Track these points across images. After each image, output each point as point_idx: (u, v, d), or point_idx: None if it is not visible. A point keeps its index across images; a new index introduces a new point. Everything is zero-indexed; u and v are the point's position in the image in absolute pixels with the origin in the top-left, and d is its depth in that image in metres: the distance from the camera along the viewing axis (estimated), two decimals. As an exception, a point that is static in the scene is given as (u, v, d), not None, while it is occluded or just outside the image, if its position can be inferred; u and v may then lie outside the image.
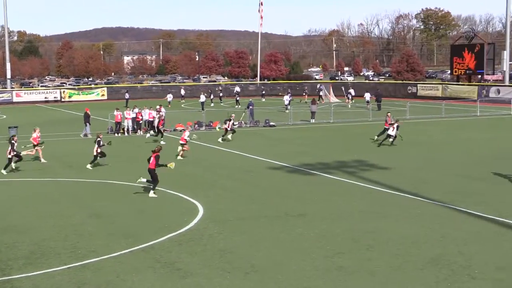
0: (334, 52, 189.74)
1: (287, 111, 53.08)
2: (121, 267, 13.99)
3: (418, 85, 79.82)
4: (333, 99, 74.15)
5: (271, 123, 45.92)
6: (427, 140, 36.19)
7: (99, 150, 27.80)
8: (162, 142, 35.90)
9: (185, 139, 31.00)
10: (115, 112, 42.63)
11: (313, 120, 48.45)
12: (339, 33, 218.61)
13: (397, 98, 75.47)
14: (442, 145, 34.10)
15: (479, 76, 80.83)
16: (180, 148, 30.59)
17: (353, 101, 66.76)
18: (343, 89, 74.13)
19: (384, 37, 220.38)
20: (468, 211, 18.62)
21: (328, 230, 16.81)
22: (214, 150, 33.42)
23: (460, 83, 78.58)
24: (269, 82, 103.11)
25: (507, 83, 74.40)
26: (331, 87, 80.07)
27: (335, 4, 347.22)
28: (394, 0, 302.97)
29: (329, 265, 13.86)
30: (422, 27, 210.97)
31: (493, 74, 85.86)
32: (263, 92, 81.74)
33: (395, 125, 33.89)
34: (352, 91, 69.46)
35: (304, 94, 75.63)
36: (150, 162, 21.77)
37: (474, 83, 75.78)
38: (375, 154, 30.79)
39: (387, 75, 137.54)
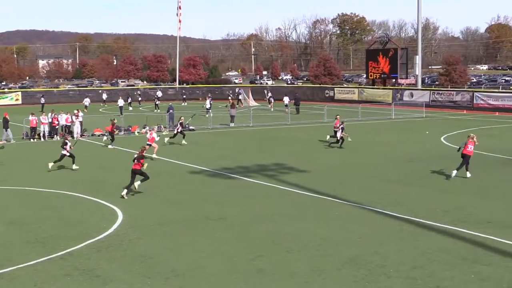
0: (252, 56, 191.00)
1: (207, 115, 53.06)
2: (39, 276, 13.63)
3: (335, 89, 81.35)
4: (252, 103, 74.63)
5: (191, 127, 45.76)
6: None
7: (68, 149, 28.02)
8: (110, 146, 35.45)
9: (154, 138, 31.40)
10: (30, 117, 41.46)
11: (233, 124, 48.60)
12: (258, 37, 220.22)
13: (315, 102, 76.69)
14: (359, 147, 34.88)
15: (393, 80, 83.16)
16: (149, 147, 30.71)
17: (271, 105, 67.43)
18: (266, 92, 74.72)
19: (301, 42, 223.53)
20: (385, 212, 19.12)
21: (248, 233, 16.90)
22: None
23: (375, 87, 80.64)
24: (188, 86, 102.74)
25: (419, 86, 76.85)
26: (250, 91, 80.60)
27: (253, 8, 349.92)
28: (311, 5, 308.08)
29: (250, 268, 13.94)
30: (338, 32, 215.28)
31: (407, 78, 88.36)
32: (184, 96, 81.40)
33: (340, 128, 34.48)
34: (270, 94, 70.23)
35: (229, 98, 74.53)
36: (135, 163, 22.07)
37: (388, 87, 77.91)
38: (294, 157, 31.18)
39: (305, 79, 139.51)
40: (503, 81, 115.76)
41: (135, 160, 22.29)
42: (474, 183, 23.73)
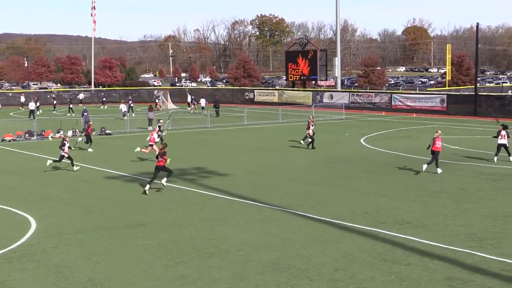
0: (170, 58, 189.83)
1: (125, 117, 52.31)
2: None
3: (255, 91, 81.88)
4: (171, 105, 74.16)
5: (107, 131, 45.05)
6: (265, 145, 37.18)
7: (66, 151, 28.70)
8: (89, 150, 35.06)
9: (155, 140, 31.43)
10: None
11: (151, 127, 48.12)
12: (176, 39, 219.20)
13: (235, 104, 76.98)
14: (280, 150, 35.21)
15: (313, 82, 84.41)
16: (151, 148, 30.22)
17: (192, 107, 67.27)
18: (189, 95, 74.39)
19: (220, 43, 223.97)
20: (306, 214, 19.37)
21: (168, 239, 16.78)
22: (45, 160, 32.19)
23: (295, 88, 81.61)
24: (105, 88, 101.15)
25: (339, 88, 78.36)
26: (168, 94, 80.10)
27: (171, 9, 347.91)
28: (230, 6, 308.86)
29: (171, 275, 13.84)
30: (257, 33, 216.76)
31: (326, 80, 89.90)
32: (104, 99, 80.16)
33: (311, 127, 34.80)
34: (194, 97, 70.10)
35: (157, 101, 72.76)
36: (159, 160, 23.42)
37: (308, 89, 79.03)
38: (214, 160, 31.18)
39: (225, 81, 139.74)
40: (420, 82, 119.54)
41: (159, 157, 23.52)
42: (393, 185, 24.36)
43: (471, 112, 57.43)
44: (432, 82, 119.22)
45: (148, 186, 23.14)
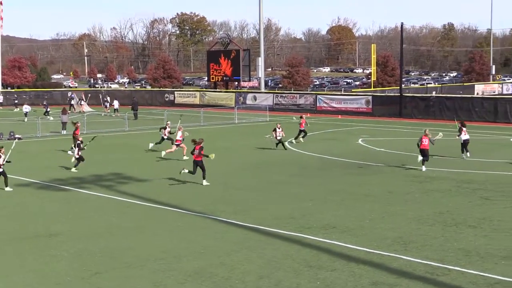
0: (85, 57, 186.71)
1: (26, 119, 50.98)
2: None
3: (176, 92, 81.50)
4: (86, 108, 72.97)
5: (17, 136, 43.90)
6: (187, 149, 37.04)
7: (80, 153, 29.66)
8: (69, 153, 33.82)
9: (180, 140, 33.10)
10: None
11: (64, 131, 47.18)
12: (91, 37, 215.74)
13: (154, 106, 76.47)
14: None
15: (236, 83, 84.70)
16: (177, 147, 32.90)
17: (110, 110, 66.40)
18: (101, 96, 73.31)
19: (139, 42, 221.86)
20: (230, 221, 19.40)
21: (84, 249, 16.48)
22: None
23: (217, 90, 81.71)
24: (14, 90, 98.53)
25: (263, 89, 78.89)
26: (83, 95, 78.79)
27: (86, 6, 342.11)
28: (148, 4, 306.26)
29: (86, 287, 13.62)
30: (178, 32, 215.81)
31: (250, 80, 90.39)
32: (16, 101, 78.08)
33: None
34: (108, 98, 69.12)
35: (105, 104, 70.93)
36: (195, 154, 25.43)
37: (231, 90, 79.25)
38: (133, 165, 30.86)
39: (143, 82, 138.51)
40: (345, 83, 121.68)
41: (193, 151, 25.63)
42: (319, 188, 24.70)
43: (396, 113, 58.85)
44: (357, 83, 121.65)
45: (186, 170, 25.53)
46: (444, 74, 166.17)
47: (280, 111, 65.91)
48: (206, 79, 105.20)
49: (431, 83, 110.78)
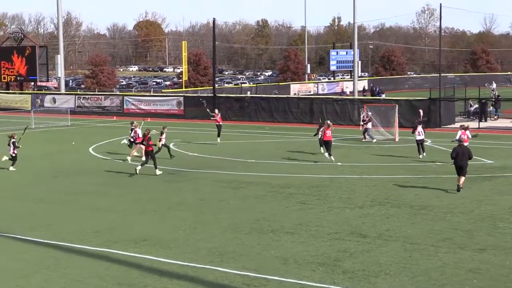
0: None
1: None
2: None
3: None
4: None
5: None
6: None
7: (16, 151, 31.37)
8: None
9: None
10: None
11: None
12: None
13: None
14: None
15: (32, 83, 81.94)
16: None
17: None
18: None
19: None
20: (26, 238, 18.72)
21: None
22: None
23: (11, 91, 78.54)
24: None
25: (63, 90, 76.81)
26: None
27: None
28: None
29: None
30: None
31: (48, 81, 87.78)
32: None
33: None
34: None
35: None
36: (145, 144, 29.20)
37: (27, 92, 76.54)
38: None
39: None
40: (154, 83, 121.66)
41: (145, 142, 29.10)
42: (127, 198, 24.51)
43: (209, 115, 59.69)
44: (167, 83, 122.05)
45: (140, 167, 28.91)
46: (259, 73, 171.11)
47: (83, 115, 64.54)
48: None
49: (245, 83, 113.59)
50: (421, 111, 41.31)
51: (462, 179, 24.97)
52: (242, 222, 20.40)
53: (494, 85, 74.60)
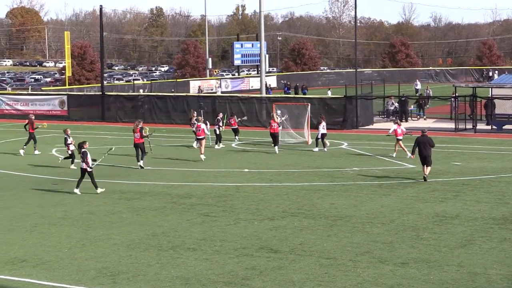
0: None
1: None
2: None
3: None
4: None
5: None
6: None
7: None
8: None
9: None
10: None
11: None
12: None
13: None
14: None
15: None
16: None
17: None
18: None
19: None
20: None
21: None
22: None
23: None
24: None
25: None
26: None
27: None
28: None
29: None
30: None
31: None
32: None
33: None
34: None
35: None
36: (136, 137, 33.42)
37: None
38: None
39: None
40: (33, 80, 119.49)
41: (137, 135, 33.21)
42: (2, 213, 23.99)
43: (98, 116, 59.11)
44: (48, 79, 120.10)
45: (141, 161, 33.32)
46: (153, 69, 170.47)
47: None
48: None
49: (139, 79, 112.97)
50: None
51: (428, 169, 28.07)
52: (137, 238, 20.27)
53: (419, 85, 76.86)
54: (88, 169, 26.96)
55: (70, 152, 34.08)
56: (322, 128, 37.73)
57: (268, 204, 24.97)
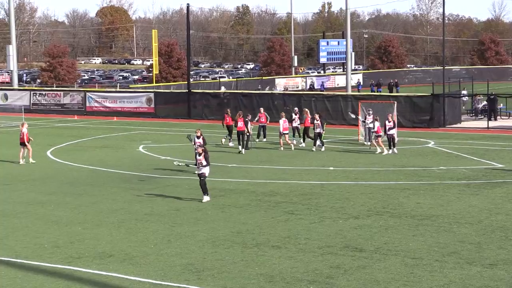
0: None
1: None
2: None
3: None
4: None
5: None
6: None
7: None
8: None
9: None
10: None
11: None
12: None
13: None
14: None
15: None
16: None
17: None
18: None
19: None
20: (-25, 254, 18.65)
21: None
22: None
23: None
24: None
25: (16, 86, 76.29)
26: None
27: None
28: None
29: None
30: None
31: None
32: None
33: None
34: None
35: None
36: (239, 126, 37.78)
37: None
38: None
39: None
40: (121, 78, 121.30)
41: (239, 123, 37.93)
42: (90, 208, 24.41)
43: (184, 114, 59.61)
44: (136, 77, 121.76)
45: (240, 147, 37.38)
46: (239, 66, 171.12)
47: (39, 113, 64.19)
48: None
49: (224, 77, 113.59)
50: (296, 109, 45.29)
51: None
52: (222, 235, 20.38)
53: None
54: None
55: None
56: (317, 127, 38.12)
57: (353, 202, 24.83)
